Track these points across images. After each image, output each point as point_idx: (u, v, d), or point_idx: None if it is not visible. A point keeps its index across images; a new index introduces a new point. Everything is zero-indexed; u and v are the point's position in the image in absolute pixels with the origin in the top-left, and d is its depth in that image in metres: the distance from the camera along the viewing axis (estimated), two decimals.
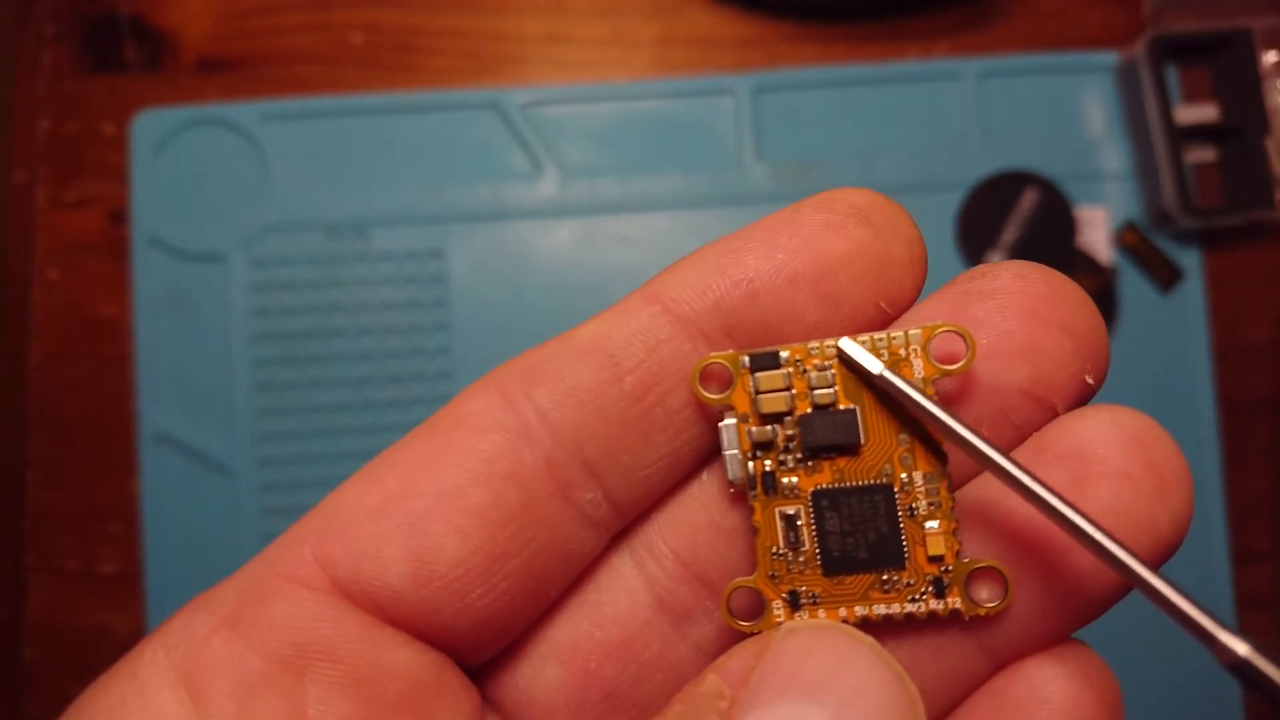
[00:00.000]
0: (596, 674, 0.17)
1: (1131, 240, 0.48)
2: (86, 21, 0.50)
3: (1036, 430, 0.16)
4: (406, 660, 0.15)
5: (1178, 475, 0.15)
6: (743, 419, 0.16)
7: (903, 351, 0.16)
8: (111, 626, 0.46)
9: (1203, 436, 0.47)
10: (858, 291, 0.16)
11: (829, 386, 0.16)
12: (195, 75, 0.50)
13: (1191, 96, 0.49)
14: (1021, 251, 0.48)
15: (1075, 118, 0.49)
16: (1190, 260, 0.48)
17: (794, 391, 0.16)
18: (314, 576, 0.15)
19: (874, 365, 0.16)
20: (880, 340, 0.16)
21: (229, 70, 0.50)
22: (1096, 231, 0.49)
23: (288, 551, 0.16)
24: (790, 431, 0.16)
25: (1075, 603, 0.16)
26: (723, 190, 0.48)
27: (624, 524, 0.17)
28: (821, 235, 0.16)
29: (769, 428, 0.16)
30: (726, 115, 0.49)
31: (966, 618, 0.16)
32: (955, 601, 0.16)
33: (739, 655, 0.14)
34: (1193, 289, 0.48)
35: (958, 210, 0.48)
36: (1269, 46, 0.48)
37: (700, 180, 0.48)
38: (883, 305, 0.16)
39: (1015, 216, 0.48)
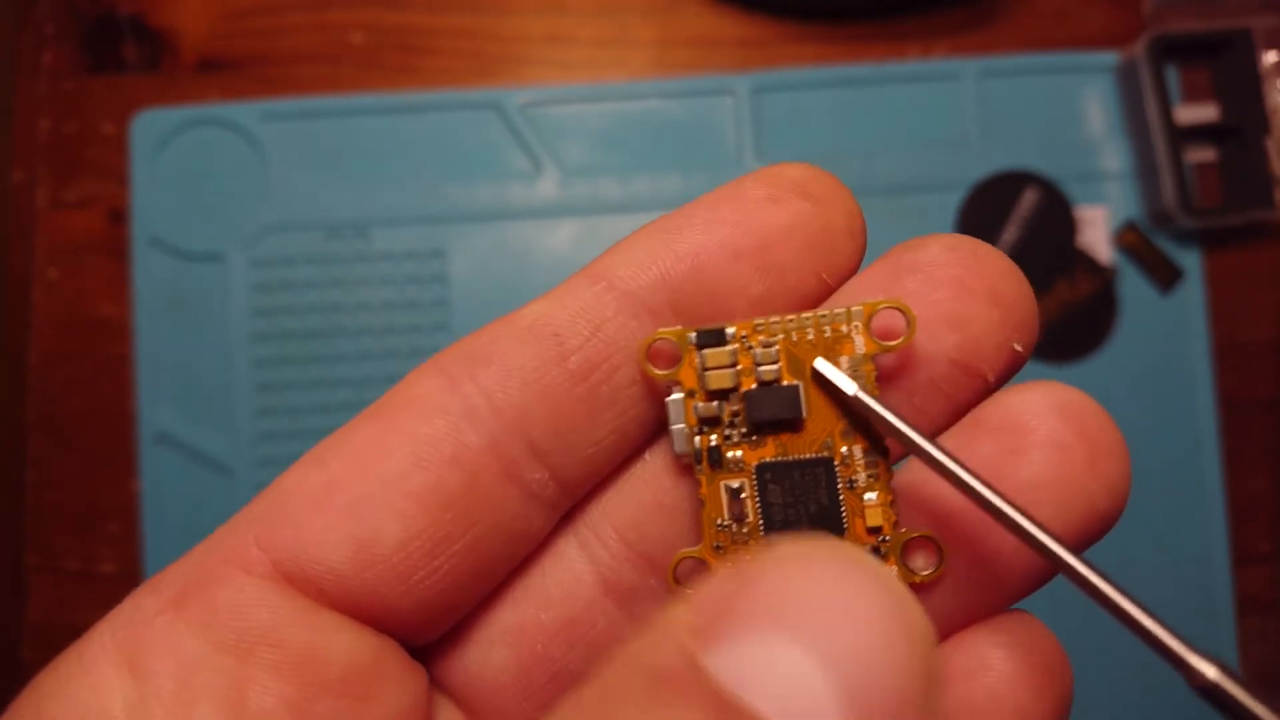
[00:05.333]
0: (544, 655, 0.17)
1: (1131, 240, 0.48)
2: (86, 21, 0.50)
3: (966, 400, 0.16)
4: (347, 643, 0.16)
5: (1111, 445, 0.15)
6: (689, 394, 0.17)
7: (845, 329, 0.16)
8: None
9: (1203, 436, 0.47)
10: (800, 264, 0.16)
11: (773, 363, 0.17)
12: (195, 75, 0.50)
13: (1191, 96, 0.49)
14: (1021, 251, 0.48)
15: (1075, 118, 0.49)
16: (1190, 260, 0.48)
17: (739, 368, 0.17)
18: (256, 561, 0.16)
19: (849, 386, 0.16)
20: (825, 317, 0.16)
21: (229, 70, 0.50)
22: (1096, 231, 0.49)
23: (232, 536, 0.16)
24: (735, 407, 0.17)
25: (1012, 574, 0.16)
26: None
27: (572, 503, 0.17)
28: (763, 209, 0.16)
29: (715, 403, 0.17)
30: (726, 115, 0.49)
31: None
32: (892, 570, 0.16)
33: (714, 582, 0.12)
34: (1193, 289, 0.48)
35: (958, 210, 0.48)
36: (1269, 46, 0.48)
37: (700, 180, 0.48)
38: (824, 277, 0.17)
39: (1015, 216, 0.48)
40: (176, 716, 0.14)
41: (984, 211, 0.48)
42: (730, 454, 0.17)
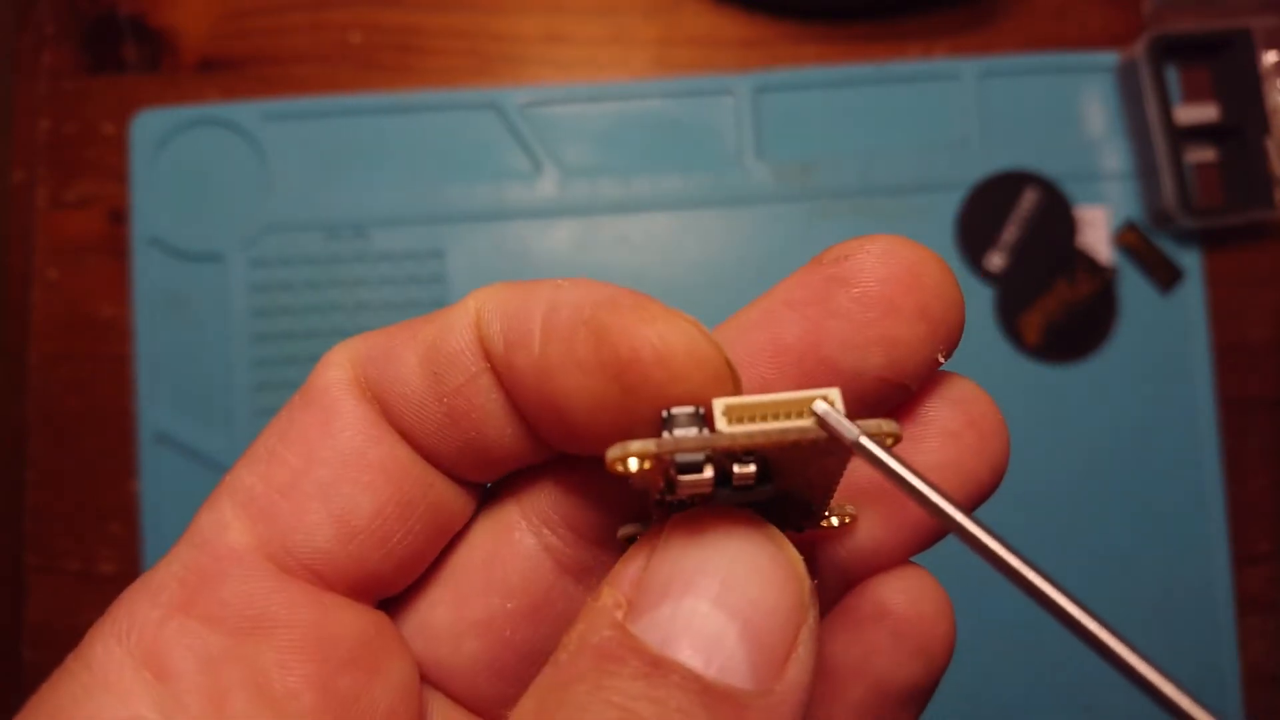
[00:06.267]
0: (511, 640, 0.18)
1: (1131, 240, 0.48)
2: (86, 21, 0.50)
3: (887, 406, 0.17)
4: (351, 619, 0.17)
5: (995, 429, 0.17)
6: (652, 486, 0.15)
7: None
8: None
9: (1203, 436, 0.47)
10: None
11: (749, 471, 0.15)
12: (195, 75, 0.50)
13: (1191, 96, 0.49)
14: (1021, 251, 0.48)
15: (1075, 118, 0.49)
16: (1190, 260, 0.48)
17: (711, 476, 0.14)
18: (249, 554, 0.16)
19: (851, 433, 0.14)
20: (802, 429, 0.14)
21: (229, 70, 0.50)
22: (1096, 231, 0.49)
23: (213, 538, 0.17)
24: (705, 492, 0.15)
25: (907, 534, 0.18)
26: (723, 190, 0.48)
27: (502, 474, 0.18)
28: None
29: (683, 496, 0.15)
30: (726, 115, 0.49)
31: (826, 529, 0.17)
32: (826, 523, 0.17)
33: (630, 562, 0.15)
34: (1193, 289, 0.48)
35: (958, 210, 0.48)
36: (1269, 46, 0.48)
37: (700, 180, 0.48)
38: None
39: (1015, 216, 0.48)
40: (211, 711, 0.15)
41: (984, 211, 0.48)
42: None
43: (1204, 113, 0.48)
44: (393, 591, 0.18)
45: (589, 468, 0.18)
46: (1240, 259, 0.49)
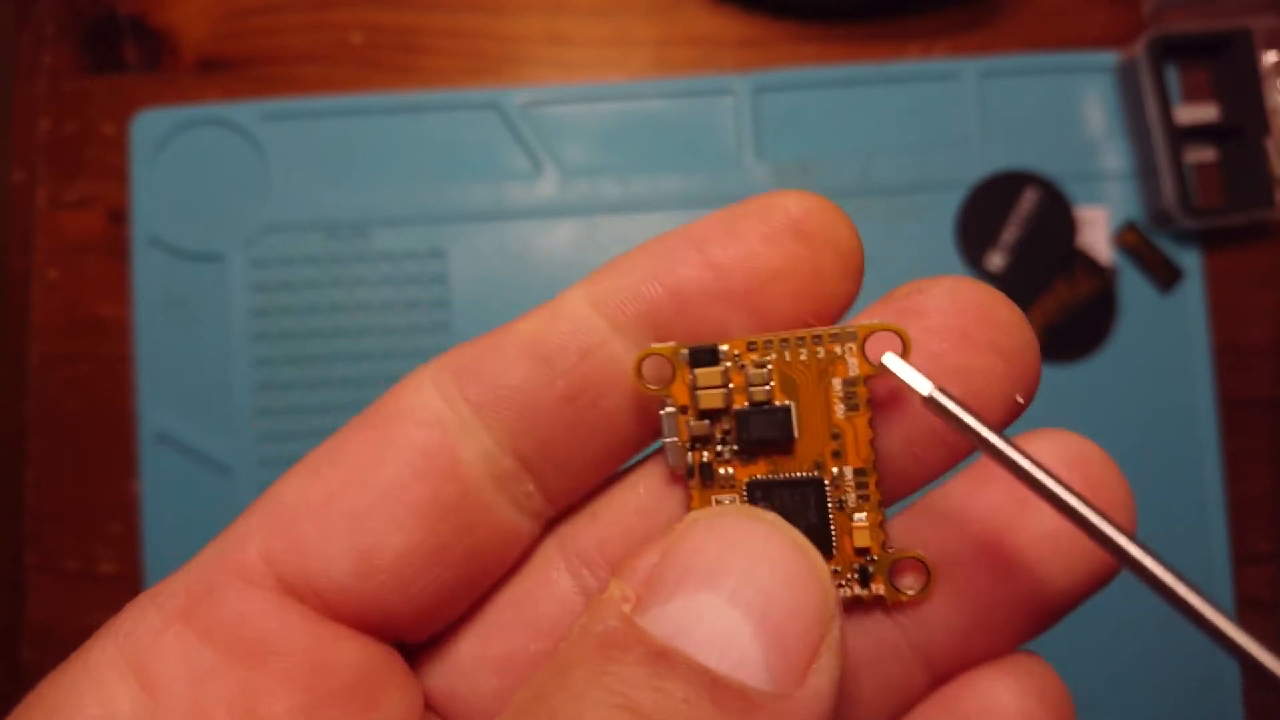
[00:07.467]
0: None
1: (1131, 240, 0.48)
2: (86, 21, 0.50)
3: (966, 448, 0.16)
4: (353, 652, 0.16)
5: (1120, 498, 0.16)
6: (681, 410, 0.17)
7: (839, 350, 0.16)
8: None
9: (1203, 436, 0.47)
10: (788, 307, 0.16)
11: (765, 384, 0.16)
12: (195, 75, 0.50)
13: (1191, 96, 0.49)
14: (1021, 251, 0.48)
15: (1075, 118, 0.49)
16: (1190, 260, 0.48)
17: (731, 387, 0.17)
18: (260, 573, 0.16)
19: (924, 386, 0.15)
20: (819, 338, 0.16)
21: (229, 70, 0.50)
22: (1096, 231, 0.49)
23: (234, 547, 0.16)
24: (727, 426, 0.17)
25: (1023, 613, 0.16)
26: (723, 190, 0.48)
27: (559, 510, 0.18)
28: (755, 249, 0.16)
29: (706, 422, 0.17)
30: (726, 115, 0.49)
31: (890, 604, 0.16)
32: (879, 589, 0.16)
33: (643, 556, 0.14)
34: (1193, 289, 0.48)
35: (958, 210, 0.48)
36: (1269, 46, 0.48)
37: (700, 180, 0.48)
38: (811, 321, 0.17)
39: (1015, 216, 0.48)
40: None
41: (984, 211, 0.48)
42: (722, 470, 0.17)
43: (1204, 113, 0.48)
44: (410, 639, 0.17)
45: (639, 505, 0.17)
46: (1240, 259, 0.49)
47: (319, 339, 0.47)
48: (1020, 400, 0.16)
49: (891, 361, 0.15)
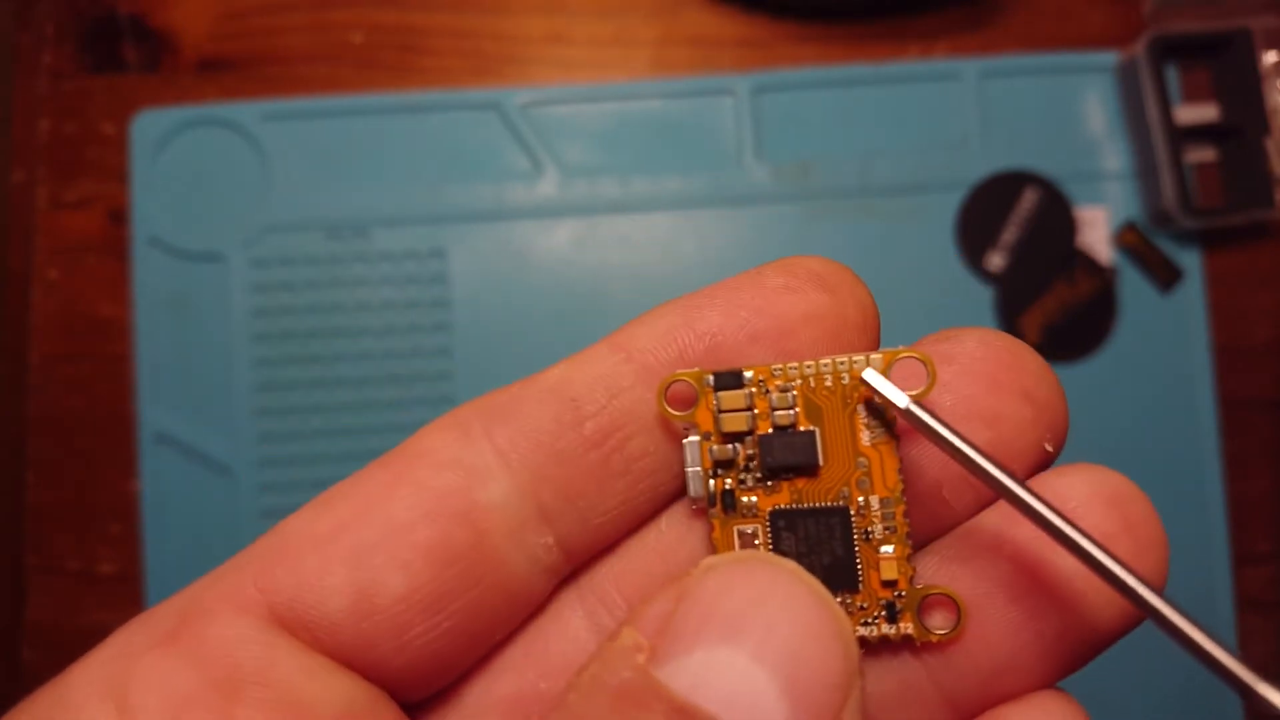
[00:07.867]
0: None
1: (1131, 240, 0.48)
2: (86, 21, 0.50)
3: (994, 494, 0.16)
4: (339, 689, 0.15)
5: (1153, 536, 0.15)
6: (705, 437, 0.17)
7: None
8: (111, 627, 0.46)
9: (1203, 436, 0.47)
10: (815, 351, 0.16)
11: (790, 408, 0.16)
12: (195, 75, 0.50)
13: (1191, 96, 0.49)
14: (1021, 251, 0.48)
15: (1075, 118, 0.49)
16: (1190, 260, 0.48)
17: (755, 411, 0.17)
18: (251, 601, 0.15)
19: (900, 399, 0.15)
20: (843, 363, 0.16)
21: (229, 70, 0.50)
22: (1096, 231, 0.49)
23: (233, 573, 0.16)
24: (750, 451, 0.17)
25: (1055, 652, 0.15)
26: (723, 190, 0.48)
27: (573, 569, 0.17)
28: (782, 297, 0.16)
29: (730, 446, 0.17)
30: (726, 115, 0.49)
31: (918, 644, 0.16)
32: (907, 627, 0.16)
33: (657, 602, 0.14)
34: (1193, 289, 0.48)
35: (958, 210, 0.48)
36: (1269, 46, 0.48)
37: (700, 180, 0.48)
38: None
39: (1015, 216, 0.48)
40: None
41: (984, 211, 0.48)
42: (745, 499, 0.17)
43: (1204, 113, 0.48)
44: (402, 696, 0.16)
45: (661, 544, 0.17)
46: (1240, 259, 0.49)
47: (319, 339, 0.47)
48: (1049, 449, 0.16)
49: (871, 376, 0.16)
